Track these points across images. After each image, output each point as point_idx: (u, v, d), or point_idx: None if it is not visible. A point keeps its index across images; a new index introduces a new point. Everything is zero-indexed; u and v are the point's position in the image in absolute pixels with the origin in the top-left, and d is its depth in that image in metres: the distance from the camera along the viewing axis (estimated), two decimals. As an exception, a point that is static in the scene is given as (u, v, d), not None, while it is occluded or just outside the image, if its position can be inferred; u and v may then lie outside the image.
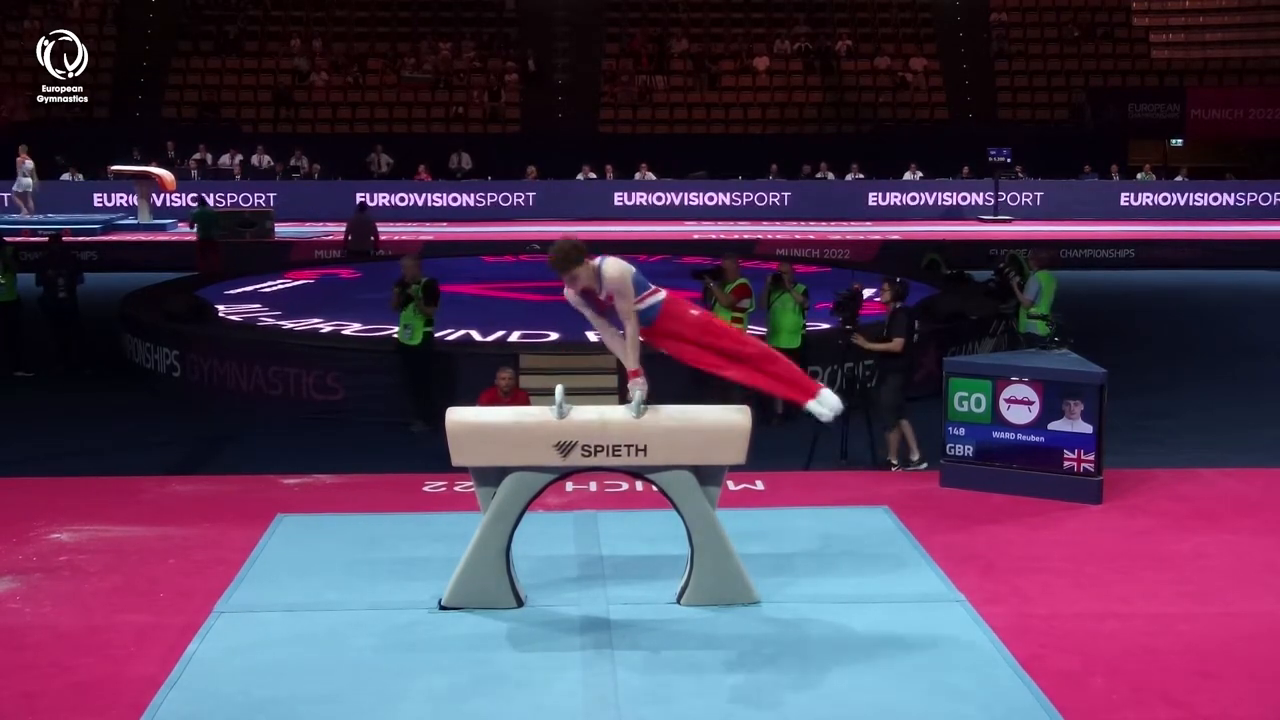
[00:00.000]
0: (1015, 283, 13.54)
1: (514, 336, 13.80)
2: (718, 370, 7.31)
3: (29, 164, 26.90)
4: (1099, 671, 6.61)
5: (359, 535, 8.67)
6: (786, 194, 29.92)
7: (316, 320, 14.97)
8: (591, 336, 13.96)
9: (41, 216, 26.62)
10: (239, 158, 29.80)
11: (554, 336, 13.61)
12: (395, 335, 12.78)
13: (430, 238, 25.90)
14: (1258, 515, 9.21)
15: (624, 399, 7.50)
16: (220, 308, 15.93)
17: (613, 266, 7.08)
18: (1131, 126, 32.18)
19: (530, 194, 29.48)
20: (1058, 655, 6.80)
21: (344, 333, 14.27)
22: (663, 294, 7.21)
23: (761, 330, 13.01)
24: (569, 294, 7.19)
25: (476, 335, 13.97)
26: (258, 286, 18.21)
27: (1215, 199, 30.23)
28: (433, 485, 10.01)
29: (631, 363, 7.18)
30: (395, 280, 12.81)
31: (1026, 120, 32.96)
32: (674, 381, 11.98)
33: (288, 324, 14.94)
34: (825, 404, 7.25)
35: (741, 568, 7.41)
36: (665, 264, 20.11)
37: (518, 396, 10.57)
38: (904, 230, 27.38)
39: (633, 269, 7.13)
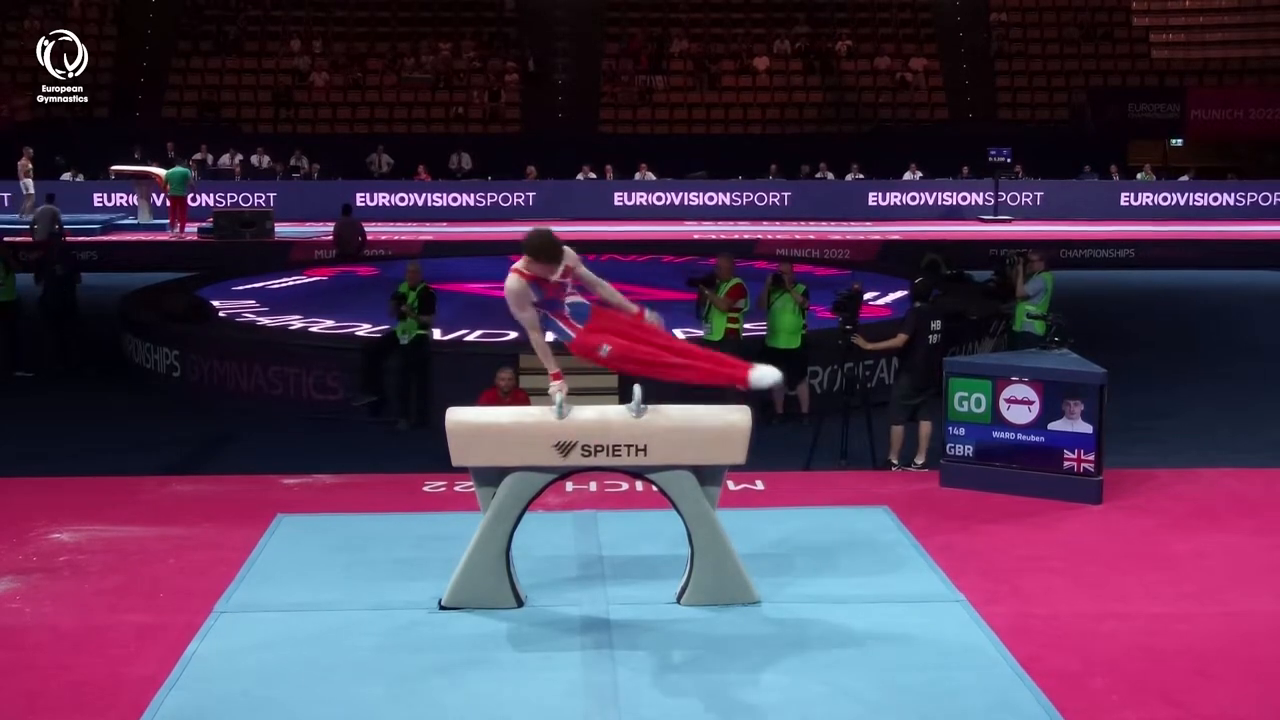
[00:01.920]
0: (1018, 271, 13.51)
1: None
2: (656, 360, 7.11)
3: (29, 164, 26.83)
4: (1099, 671, 6.60)
5: (359, 535, 8.66)
6: (786, 194, 29.92)
7: (325, 319, 15.02)
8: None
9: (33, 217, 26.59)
10: (239, 158, 29.80)
11: (552, 337, 13.57)
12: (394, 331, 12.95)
13: (430, 238, 25.90)
14: (1258, 515, 9.21)
15: (624, 399, 7.50)
16: (229, 303, 16.14)
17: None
18: (1131, 126, 32.18)
19: (530, 194, 29.47)
20: (1058, 655, 6.79)
21: (342, 332, 14.31)
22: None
23: (761, 331, 13.03)
24: (523, 288, 6.98)
25: (488, 335, 13.98)
26: (268, 284, 18.41)
27: (1215, 199, 30.23)
28: (433, 485, 10.00)
29: (553, 365, 7.18)
30: (398, 287, 13.02)
31: (1026, 120, 32.97)
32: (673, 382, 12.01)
33: (296, 323, 15.03)
34: (765, 376, 7.19)
35: (741, 568, 7.41)
36: (654, 264, 20.20)
37: (518, 396, 10.57)
38: (904, 230, 27.38)
39: None
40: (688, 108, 32.87)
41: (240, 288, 17.88)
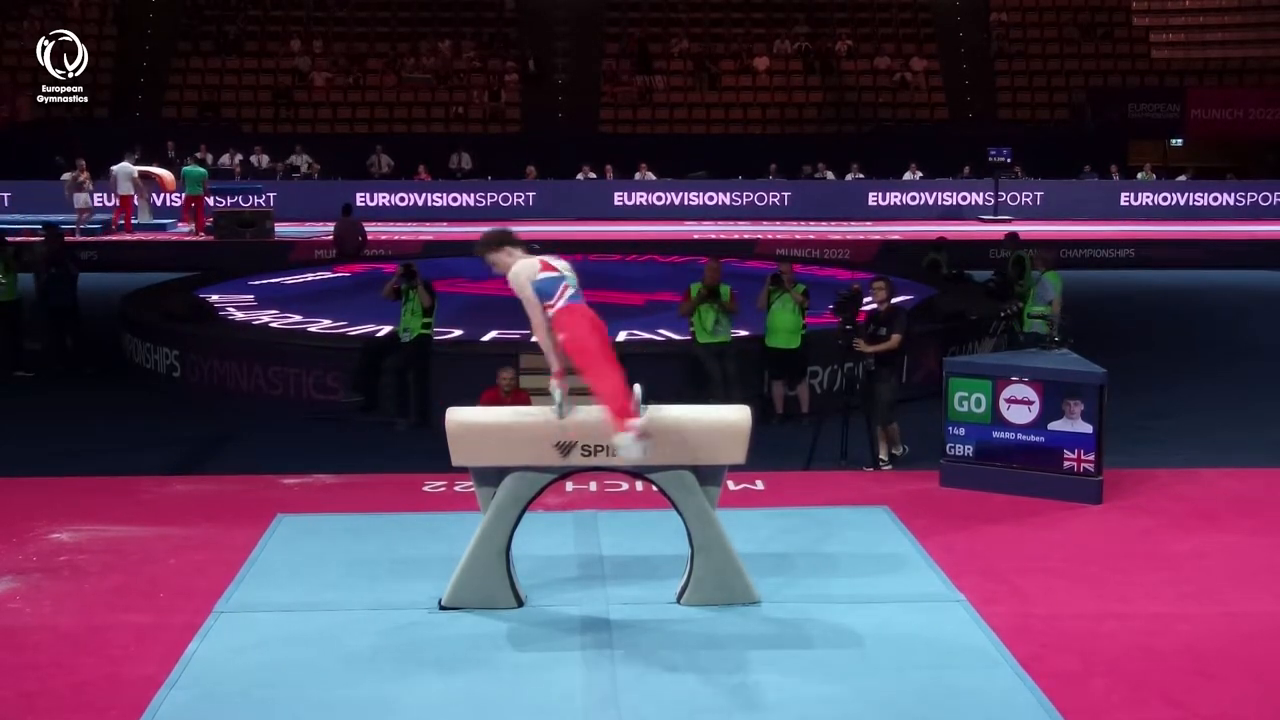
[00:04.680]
0: (1033, 289, 13.62)
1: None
2: (596, 355, 6.98)
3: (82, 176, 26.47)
4: (1099, 671, 6.61)
5: (359, 535, 8.66)
6: (786, 194, 29.91)
7: (336, 319, 15.05)
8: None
9: (47, 217, 26.53)
10: (239, 157, 29.80)
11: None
12: (396, 331, 12.95)
13: (430, 238, 25.89)
14: (1258, 515, 9.21)
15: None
16: (249, 298, 16.44)
17: None
18: (1131, 126, 32.17)
19: (530, 194, 29.46)
20: (1058, 655, 6.79)
21: (343, 332, 14.32)
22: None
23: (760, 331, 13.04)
24: (533, 263, 7.10)
25: (488, 335, 14.00)
26: (283, 280, 18.66)
27: (1215, 199, 30.23)
28: (433, 485, 10.01)
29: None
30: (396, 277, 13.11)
31: (1026, 120, 32.97)
32: (674, 382, 12.01)
33: (303, 321, 15.11)
34: (631, 435, 6.70)
35: (741, 568, 7.41)
36: (693, 266, 20.18)
37: (518, 396, 10.57)
38: (904, 230, 27.37)
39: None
40: (688, 108, 32.85)
41: (256, 283, 18.13)
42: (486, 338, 13.93)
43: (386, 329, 13.61)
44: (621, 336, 13.53)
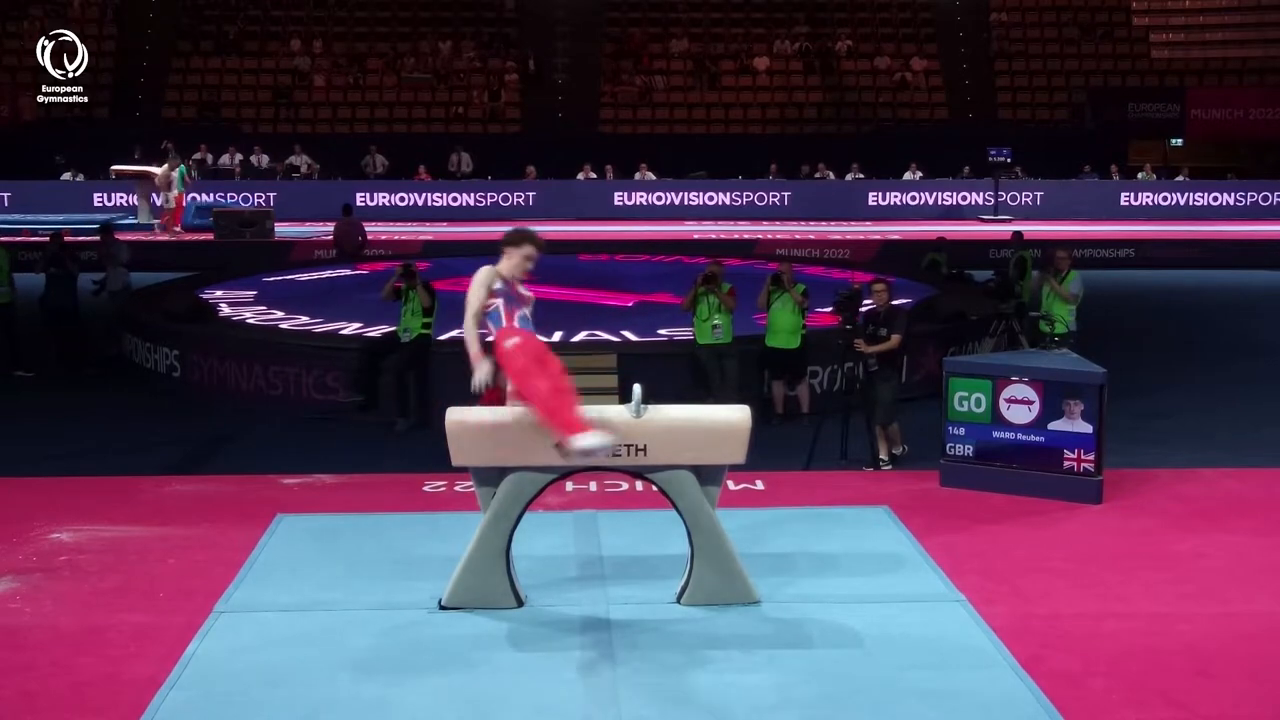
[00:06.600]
0: (1052, 281, 13.70)
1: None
2: (533, 381, 6.96)
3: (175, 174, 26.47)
4: (1099, 671, 6.61)
5: (359, 535, 8.66)
6: (786, 194, 29.93)
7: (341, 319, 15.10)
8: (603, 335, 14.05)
9: (47, 217, 26.58)
10: (239, 157, 29.80)
11: (556, 336, 13.62)
12: (396, 331, 12.97)
13: (430, 238, 25.90)
14: (1258, 515, 9.21)
15: (624, 399, 7.50)
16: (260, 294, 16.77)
17: None
18: (1131, 126, 32.21)
19: (530, 194, 29.48)
20: (1058, 655, 6.79)
21: (343, 332, 14.32)
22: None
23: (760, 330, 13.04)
24: (491, 275, 7.36)
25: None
26: (294, 277, 19.02)
27: (1215, 199, 30.25)
28: (433, 485, 10.01)
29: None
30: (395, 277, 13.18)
31: (1026, 120, 33.00)
32: (674, 382, 12.02)
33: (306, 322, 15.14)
34: (588, 441, 6.70)
35: (741, 568, 7.41)
36: (676, 265, 20.22)
37: (519, 396, 10.56)
38: (904, 230, 27.38)
39: None
40: (688, 108, 32.88)
41: (271, 279, 18.40)
42: (488, 338, 13.94)
43: (356, 326, 13.58)
44: (580, 336, 13.85)
